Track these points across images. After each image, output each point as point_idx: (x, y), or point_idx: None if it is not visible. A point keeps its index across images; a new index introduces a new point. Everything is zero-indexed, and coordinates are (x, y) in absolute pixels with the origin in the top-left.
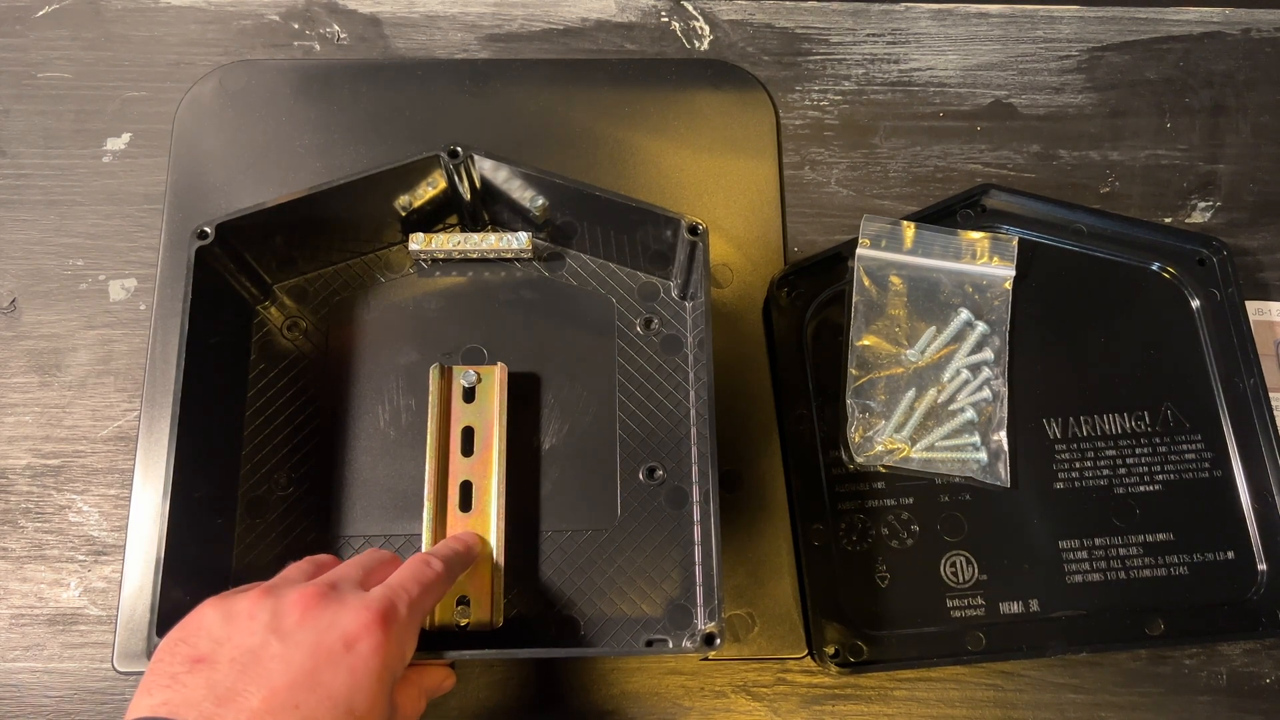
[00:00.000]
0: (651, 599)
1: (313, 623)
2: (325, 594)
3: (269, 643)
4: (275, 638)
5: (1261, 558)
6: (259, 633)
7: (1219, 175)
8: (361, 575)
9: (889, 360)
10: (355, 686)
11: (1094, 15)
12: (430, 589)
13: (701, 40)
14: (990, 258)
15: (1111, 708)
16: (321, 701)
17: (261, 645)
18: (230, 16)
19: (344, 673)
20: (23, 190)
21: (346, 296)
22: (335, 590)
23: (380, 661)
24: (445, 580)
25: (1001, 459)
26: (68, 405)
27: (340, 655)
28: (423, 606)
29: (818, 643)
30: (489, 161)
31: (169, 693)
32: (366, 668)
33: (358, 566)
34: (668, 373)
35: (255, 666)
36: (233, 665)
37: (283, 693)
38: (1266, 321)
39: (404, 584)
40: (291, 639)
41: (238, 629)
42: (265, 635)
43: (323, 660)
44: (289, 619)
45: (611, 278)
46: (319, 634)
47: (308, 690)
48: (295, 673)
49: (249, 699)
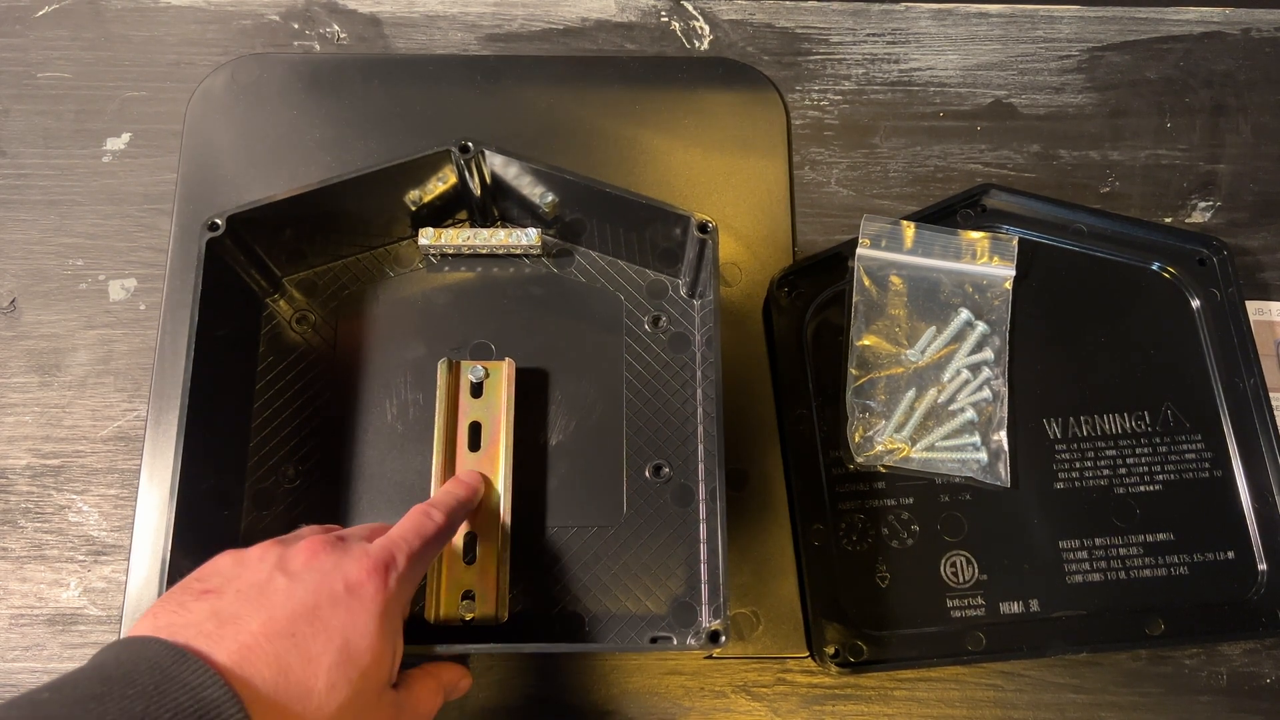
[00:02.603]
0: (656, 596)
1: (318, 565)
2: (332, 543)
3: (275, 578)
4: (281, 574)
5: (1262, 558)
6: (266, 571)
7: (1219, 175)
8: (368, 534)
9: (889, 360)
10: (353, 625)
11: (1094, 15)
12: (431, 541)
13: (701, 40)
14: (990, 258)
15: (1112, 708)
16: (318, 634)
17: (268, 580)
18: (230, 16)
19: (343, 611)
20: (23, 190)
21: (355, 290)
22: (341, 541)
23: (380, 606)
24: (447, 531)
25: (1002, 459)
26: (68, 405)
27: (341, 596)
28: (424, 558)
29: (818, 643)
30: (500, 157)
31: (172, 616)
32: (365, 610)
33: (365, 528)
34: (675, 370)
35: (259, 598)
36: (238, 595)
37: (281, 620)
38: (1267, 321)
39: (404, 535)
40: (297, 577)
41: (247, 568)
42: (272, 572)
43: (324, 599)
44: (296, 561)
45: (620, 275)
46: (323, 575)
47: (306, 622)
48: (296, 605)
49: (248, 623)
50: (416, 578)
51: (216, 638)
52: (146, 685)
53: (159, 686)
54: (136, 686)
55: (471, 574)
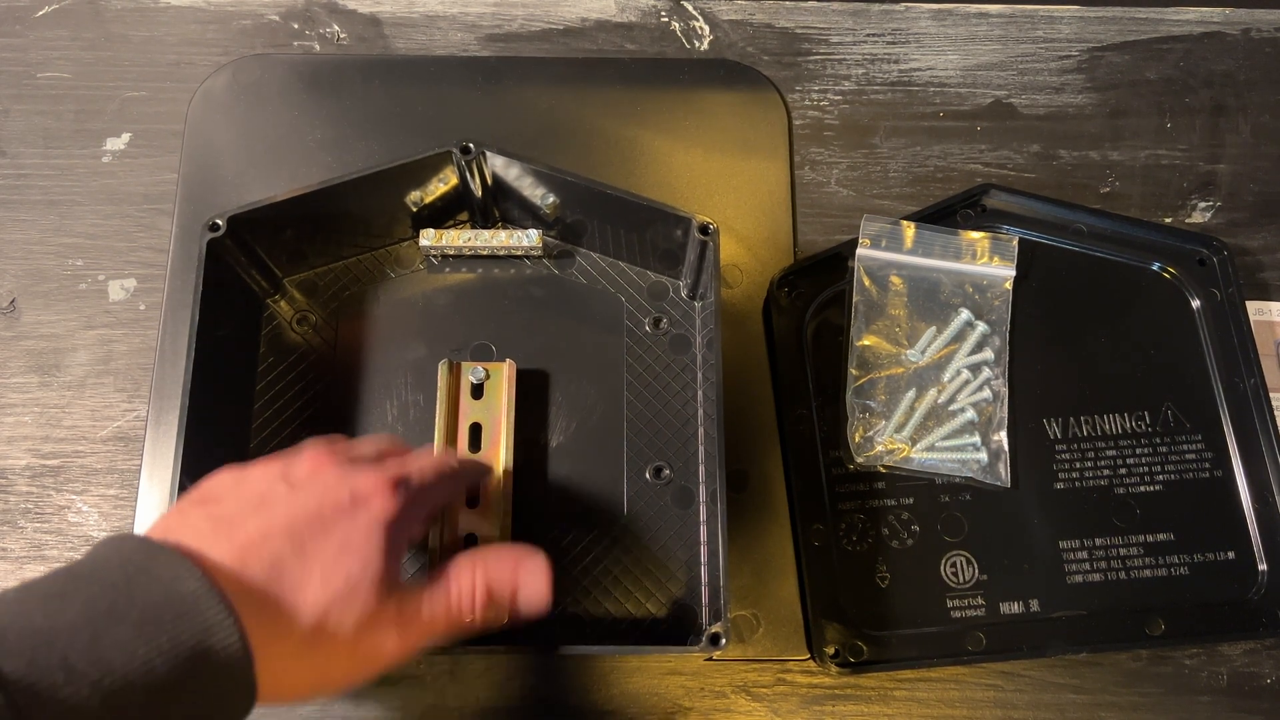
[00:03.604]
0: (657, 598)
1: (323, 477)
2: (338, 457)
3: (277, 488)
4: (284, 485)
5: (1262, 558)
6: (269, 481)
7: (1219, 175)
8: (375, 454)
9: (889, 360)
10: (355, 529)
11: (1094, 15)
12: (444, 478)
13: (701, 40)
14: (990, 258)
15: (1112, 708)
16: (317, 535)
17: (269, 489)
18: (230, 16)
19: (347, 521)
20: (22, 190)
21: (356, 291)
22: (349, 457)
23: (386, 518)
24: (459, 477)
25: (1002, 459)
26: (67, 405)
27: (347, 507)
28: (435, 492)
29: (818, 643)
30: (501, 158)
31: (171, 522)
32: (372, 522)
33: (372, 445)
34: (676, 372)
35: (261, 505)
36: (239, 502)
37: (280, 523)
38: (1267, 321)
39: (419, 463)
40: (300, 487)
41: (248, 482)
42: (274, 482)
43: (329, 508)
44: (300, 471)
45: (621, 276)
46: (328, 487)
47: (307, 526)
48: (298, 511)
49: (245, 527)
50: (424, 509)
51: (211, 538)
52: (116, 579)
53: (130, 580)
54: (103, 583)
55: None
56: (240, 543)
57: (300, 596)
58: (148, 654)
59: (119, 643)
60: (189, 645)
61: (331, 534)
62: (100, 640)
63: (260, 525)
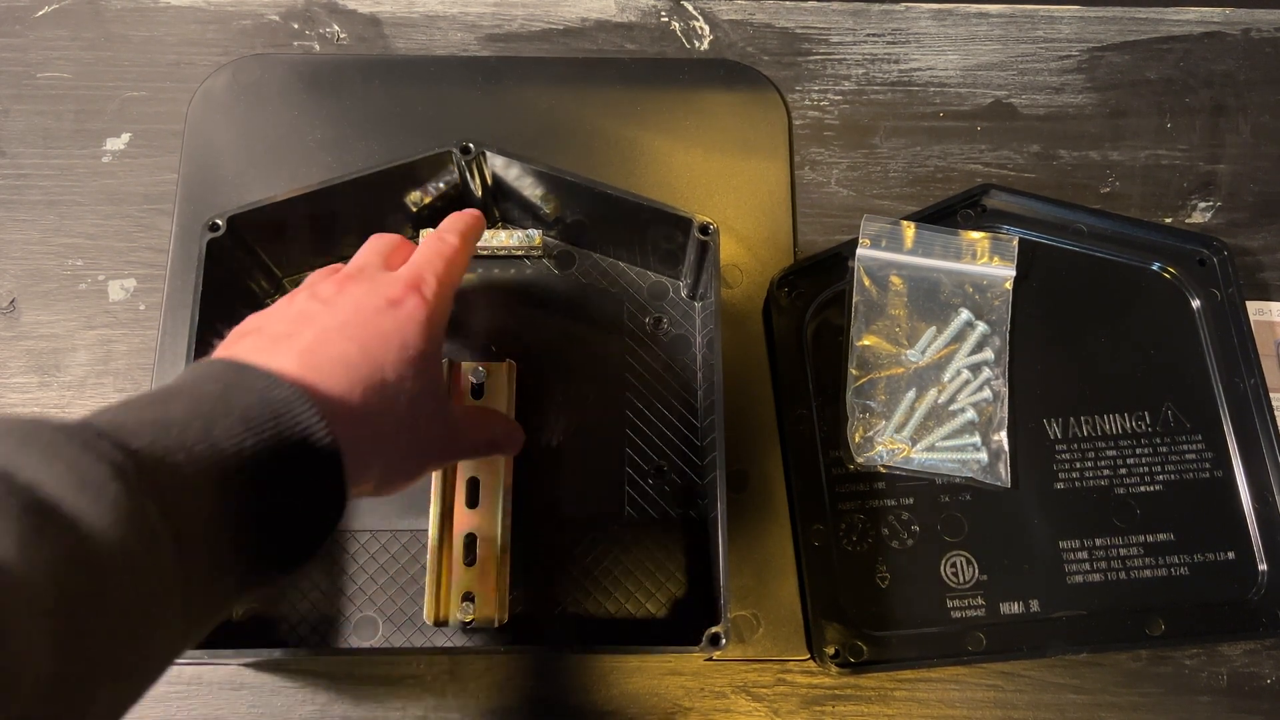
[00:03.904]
0: (656, 598)
1: (351, 290)
2: (356, 274)
3: (312, 305)
4: (318, 303)
5: (1262, 558)
6: (301, 303)
7: (1219, 175)
8: (381, 261)
9: (889, 360)
10: (405, 329)
11: (1094, 15)
12: (453, 262)
13: (701, 40)
14: (991, 258)
15: (1112, 708)
16: (373, 336)
17: (306, 307)
18: (230, 16)
19: (390, 319)
20: (22, 190)
21: None
22: (364, 271)
23: (425, 315)
24: (464, 253)
25: (1002, 459)
26: (67, 405)
27: (385, 309)
28: (450, 279)
29: (818, 643)
30: (501, 159)
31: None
32: (412, 319)
33: (375, 253)
34: (676, 372)
35: (304, 320)
36: (283, 322)
37: (334, 328)
38: (1267, 321)
39: (428, 260)
40: (334, 303)
41: (277, 310)
42: (307, 303)
43: (369, 312)
44: (327, 290)
45: (621, 276)
46: (360, 296)
47: (358, 327)
48: (345, 316)
49: (301, 337)
50: (447, 298)
51: (272, 352)
52: (212, 390)
53: (226, 390)
54: (201, 392)
55: (471, 576)
56: (302, 349)
57: (377, 396)
58: (255, 445)
59: (229, 432)
60: (290, 443)
61: (388, 334)
62: (212, 429)
63: (316, 333)
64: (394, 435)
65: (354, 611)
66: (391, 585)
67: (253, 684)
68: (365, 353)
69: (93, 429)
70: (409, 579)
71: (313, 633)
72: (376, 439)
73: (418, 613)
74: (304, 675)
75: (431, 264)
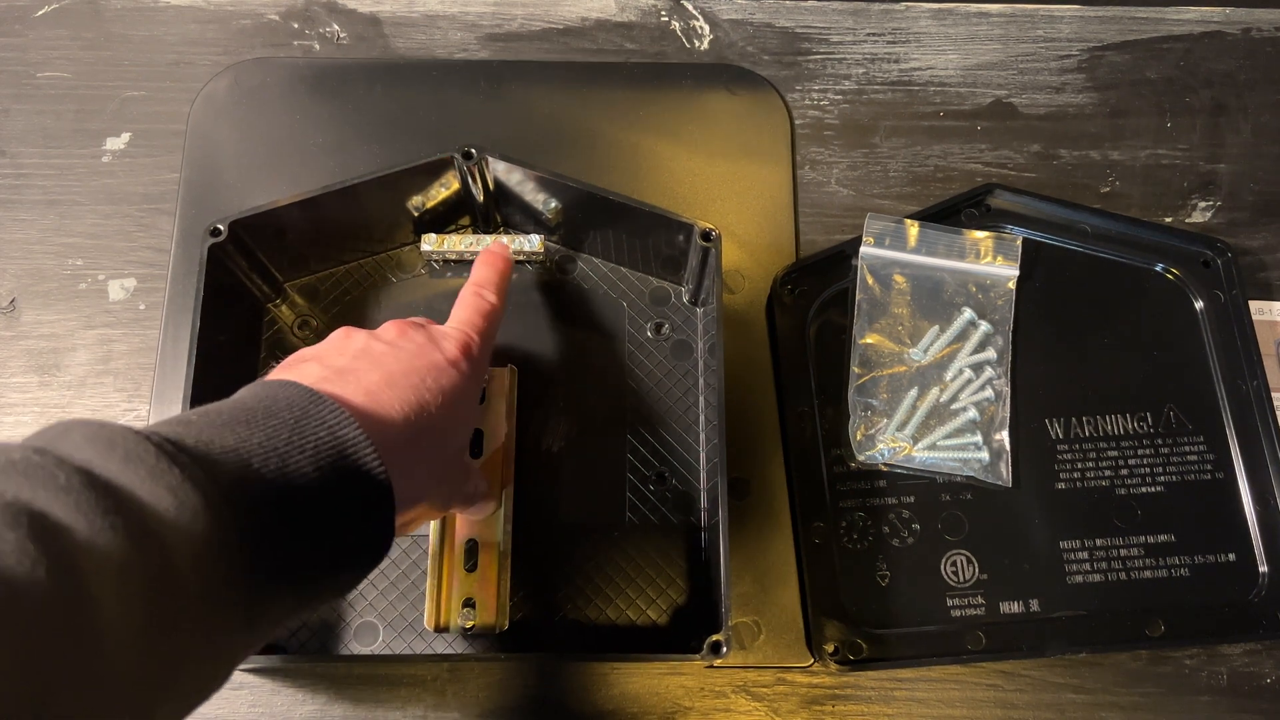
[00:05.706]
0: (658, 605)
1: (412, 338)
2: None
3: (373, 345)
4: (378, 343)
5: (1263, 560)
6: (361, 341)
7: (1219, 175)
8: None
9: (892, 359)
10: (455, 389)
11: (1094, 15)
12: (491, 318)
13: (701, 40)
14: (994, 257)
15: (1112, 708)
16: (432, 390)
17: (368, 345)
18: (230, 16)
19: (445, 378)
20: (22, 190)
21: (358, 296)
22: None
23: (472, 382)
24: (501, 308)
25: (1003, 459)
26: (67, 405)
27: (444, 365)
28: (491, 340)
29: (818, 641)
30: (503, 164)
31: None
32: (464, 380)
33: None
34: (677, 378)
35: (366, 357)
36: (343, 355)
37: (398, 374)
38: (1268, 321)
39: (471, 320)
40: (396, 345)
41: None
42: (368, 341)
43: (427, 364)
44: (388, 334)
45: (623, 282)
46: (420, 346)
47: (419, 376)
48: (407, 364)
49: (368, 375)
50: (488, 360)
51: (341, 384)
52: (287, 419)
53: (299, 422)
54: (278, 419)
55: (472, 582)
56: (368, 389)
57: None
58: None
59: (301, 472)
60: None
61: (444, 390)
62: (287, 466)
63: (382, 375)
64: (427, 484)
65: (354, 616)
66: (392, 590)
67: (253, 684)
68: (421, 405)
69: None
70: (409, 584)
71: (313, 637)
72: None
73: (418, 618)
74: (304, 675)
75: (475, 325)
